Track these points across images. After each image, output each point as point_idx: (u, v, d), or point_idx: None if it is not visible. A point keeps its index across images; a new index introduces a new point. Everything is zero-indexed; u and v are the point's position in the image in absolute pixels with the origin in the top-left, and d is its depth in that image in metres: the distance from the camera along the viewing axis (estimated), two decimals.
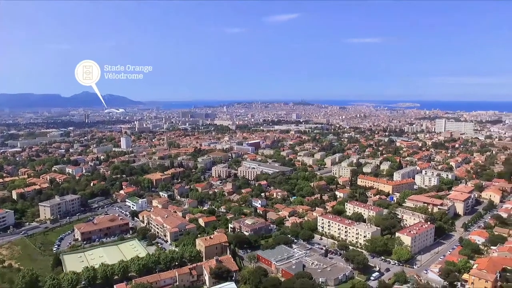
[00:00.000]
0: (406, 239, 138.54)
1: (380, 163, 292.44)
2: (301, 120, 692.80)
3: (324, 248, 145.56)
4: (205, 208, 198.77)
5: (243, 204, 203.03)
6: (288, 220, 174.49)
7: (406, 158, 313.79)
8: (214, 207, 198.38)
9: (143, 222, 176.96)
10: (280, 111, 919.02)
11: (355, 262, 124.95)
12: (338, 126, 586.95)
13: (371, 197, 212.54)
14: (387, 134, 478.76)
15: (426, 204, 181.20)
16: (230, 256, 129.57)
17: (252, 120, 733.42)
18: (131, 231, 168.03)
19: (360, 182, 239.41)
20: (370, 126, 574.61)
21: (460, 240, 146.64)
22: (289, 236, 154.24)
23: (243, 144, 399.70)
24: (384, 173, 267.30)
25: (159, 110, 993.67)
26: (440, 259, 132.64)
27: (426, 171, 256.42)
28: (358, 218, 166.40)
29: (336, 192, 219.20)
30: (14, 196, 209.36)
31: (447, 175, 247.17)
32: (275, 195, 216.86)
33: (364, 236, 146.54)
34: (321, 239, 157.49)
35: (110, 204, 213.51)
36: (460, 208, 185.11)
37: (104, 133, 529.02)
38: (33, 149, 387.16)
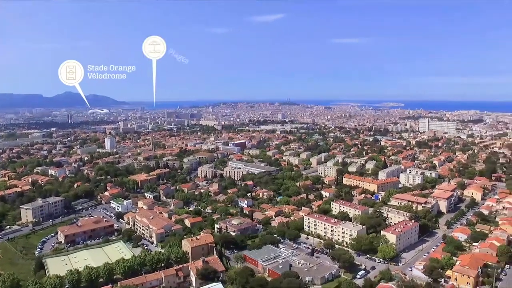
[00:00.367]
0: (391, 237, 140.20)
1: (365, 162, 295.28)
2: (286, 120, 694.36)
3: (310, 247, 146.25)
4: (191, 208, 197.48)
5: (229, 205, 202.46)
6: (274, 220, 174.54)
7: (390, 157, 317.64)
8: (200, 207, 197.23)
9: (128, 224, 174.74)
10: (266, 111, 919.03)
11: (341, 260, 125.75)
12: (323, 126, 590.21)
13: (356, 196, 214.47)
14: (372, 133, 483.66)
15: (410, 203, 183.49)
16: (217, 256, 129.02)
17: (238, 120, 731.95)
18: (116, 233, 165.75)
19: (346, 181, 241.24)
20: (355, 125, 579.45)
21: (444, 237, 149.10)
22: (275, 236, 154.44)
23: (229, 144, 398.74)
24: (369, 172, 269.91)
25: (144, 110, 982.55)
26: (424, 256, 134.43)
27: (410, 170, 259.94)
28: (344, 217, 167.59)
29: (322, 192, 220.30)
30: None
31: (431, 174, 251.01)
32: (261, 195, 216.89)
33: (350, 235, 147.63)
34: (307, 238, 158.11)
35: (95, 206, 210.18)
36: (443, 206, 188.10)
37: (88, 133, 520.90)
38: (14, 150, 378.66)
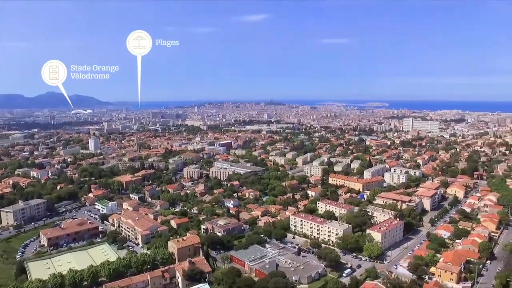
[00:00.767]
0: (377, 236, 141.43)
1: (351, 161, 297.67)
2: (272, 120, 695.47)
3: (297, 246, 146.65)
4: (177, 209, 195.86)
5: (216, 205, 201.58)
6: (260, 219, 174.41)
7: (375, 157, 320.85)
8: (186, 208, 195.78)
9: (113, 226, 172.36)
10: (252, 111, 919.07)
11: (328, 259, 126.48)
12: (309, 125, 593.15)
13: (342, 195, 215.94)
14: (357, 133, 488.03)
15: (395, 201, 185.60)
16: (203, 257, 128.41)
17: (224, 120, 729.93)
18: (100, 235, 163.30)
19: (331, 180, 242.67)
20: (341, 125, 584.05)
21: (428, 235, 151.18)
22: (262, 235, 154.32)
23: (215, 145, 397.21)
24: (355, 171, 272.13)
25: (129, 110, 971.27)
26: (409, 254, 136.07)
27: (395, 169, 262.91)
28: (330, 216, 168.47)
29: (308, 191, 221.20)
30: None
31: (415, 173, 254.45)
32: (247, 195, 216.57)
33: (336, 234, 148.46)
34: (293, 238, 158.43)
35: (78, 208, 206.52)
36: (427, 204, 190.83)
37: (71, 134, 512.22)
38: None
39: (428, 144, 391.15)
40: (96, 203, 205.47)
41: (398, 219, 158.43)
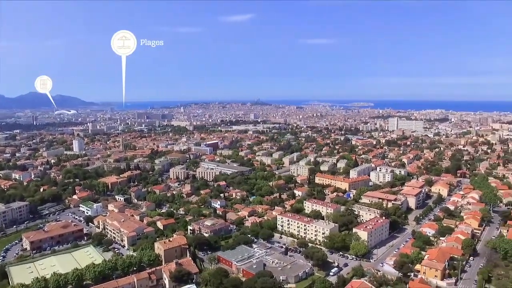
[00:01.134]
0: (363, 234, 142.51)
1: (337, 161, 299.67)
2: (259, 120, 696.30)
3: (284, 246, 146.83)
4: (163, 210, 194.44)
5: (202, 206, 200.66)
6: (247, 220, 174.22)
7: (361, 156, 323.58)
8: (172, 209, 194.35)
9: (99, 228, 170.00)
10: (238, 111, 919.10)
11: (315, 258, 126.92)
12: (295, 125, 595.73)
13: (328, 194, 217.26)
14: (343, 133, 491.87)
15: (381, 200, 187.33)
16: (190, 258, 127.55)
17: (210, 120, 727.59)
18: (85, 238, 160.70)
19: (318, 180, 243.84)
20: (327, 125, 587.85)
21: (413, 233, 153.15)
22: (249, 236, 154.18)
23: (201, 145, 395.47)
24: (341, 171, 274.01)
25: (114, 111, 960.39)
26: (395, 252, 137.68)
27: (380, 168, 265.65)
28: (316, 216, 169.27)
29: (295, 191, 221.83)
30: None
31: (400, 172, 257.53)
32: (234, 196, 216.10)
33: (323, 233, 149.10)
34: (281, 237, 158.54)
35: (62, 210, 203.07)
36: (412, 202, 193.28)
37: (55, 135, 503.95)
38: None
39: (412, 143, 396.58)
40: (80, 205, 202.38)
41: (383, 218, 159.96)
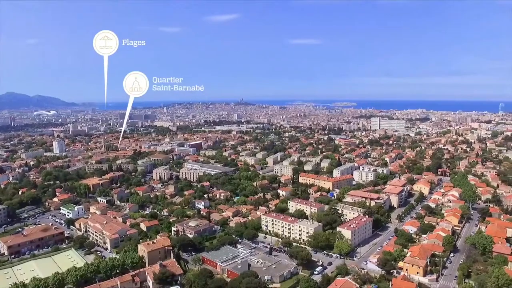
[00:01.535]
0: (347, 233, 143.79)
1: (320, 160, 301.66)
2: (242, 120, 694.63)
3: (268, 246, 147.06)
4: (146, 212, 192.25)
5: (186, 206, 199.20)
6: (232, 220, 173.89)
7: (344, 155, 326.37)
8: (156, 210, 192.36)
9: (80, 230, 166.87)
10: (221, 112, 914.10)
11: (299, 258, 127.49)
12: (279, 125, 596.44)
13: (312, 194, 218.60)
14: (326, 132, 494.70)
15: (364, 199, 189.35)
16: (174, 260, 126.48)
17: (193, 121, 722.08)
18: (67, 241, 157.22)
19: (302, 180, 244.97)
20: (310, 125, 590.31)
21: (395, 231, 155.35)
22: (233, 236, 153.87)
23: (185, 145, 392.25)
24: (325, 170, 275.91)
25: (95, 111, 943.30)
26: (378, 250, 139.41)
27: (363, 167, 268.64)
28: (300, 215, 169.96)
29: (279, 191, 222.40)
30: None
31: (383, 170, 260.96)
32: (218, 196, 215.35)
33: (307, 232, 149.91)
34: (265, 237, 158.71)
35: (42, 213, 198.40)
36: (394, 201, 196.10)
37: (34, 137, 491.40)
38: None
39: (395, 142, 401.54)
40: (61, 208, 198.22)
41: (367, 216, 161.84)
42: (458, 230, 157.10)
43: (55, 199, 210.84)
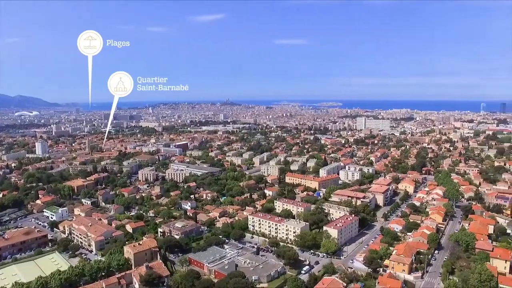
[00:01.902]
0: (333, 232, 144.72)
1: (307, 160, 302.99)
2: (228, 121, 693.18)
3: (255, 246, 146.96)
4: (132, 213, 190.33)
5: (172, 207, 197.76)
6: (218, 220, 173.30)
7: (330, 155, 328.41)
8: (142, 212, 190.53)
9: (64, 233, 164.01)
10: (208, 112, 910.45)
11: (286, 257, 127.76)
12: (265, 125, 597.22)
13: (299, 193, 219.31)
14: (312, 132, 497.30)
15: (350, 198, 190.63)
16: (161, 261, 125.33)
17: (179, 121, 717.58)
18: (50, 244, 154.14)
19: (288, 179, 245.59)
20: (296, 125, 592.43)
21: (381, 229, 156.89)
22: (220, 236, 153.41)
23: (171, 146, 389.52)
24: (311, 170, 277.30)
25: (79, 112, 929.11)
26: (364, 248, 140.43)
27: (349, 167, 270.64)
28: (287, 215, 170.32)
29: (265, 191, 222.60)
30: None
31: (368, 170, 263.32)
32: (204, 196, 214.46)
33: (294, 232, 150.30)
34: (252, 237, 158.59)
35: (25, 216, 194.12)
36: (380, 199, 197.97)
37: (15, 138, 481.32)
38: None
39: (380, 142, 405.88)
40: (44, 210, 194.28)
41: (353, 215, 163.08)
42: (442, 227, 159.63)
43: (38, 201, 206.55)
